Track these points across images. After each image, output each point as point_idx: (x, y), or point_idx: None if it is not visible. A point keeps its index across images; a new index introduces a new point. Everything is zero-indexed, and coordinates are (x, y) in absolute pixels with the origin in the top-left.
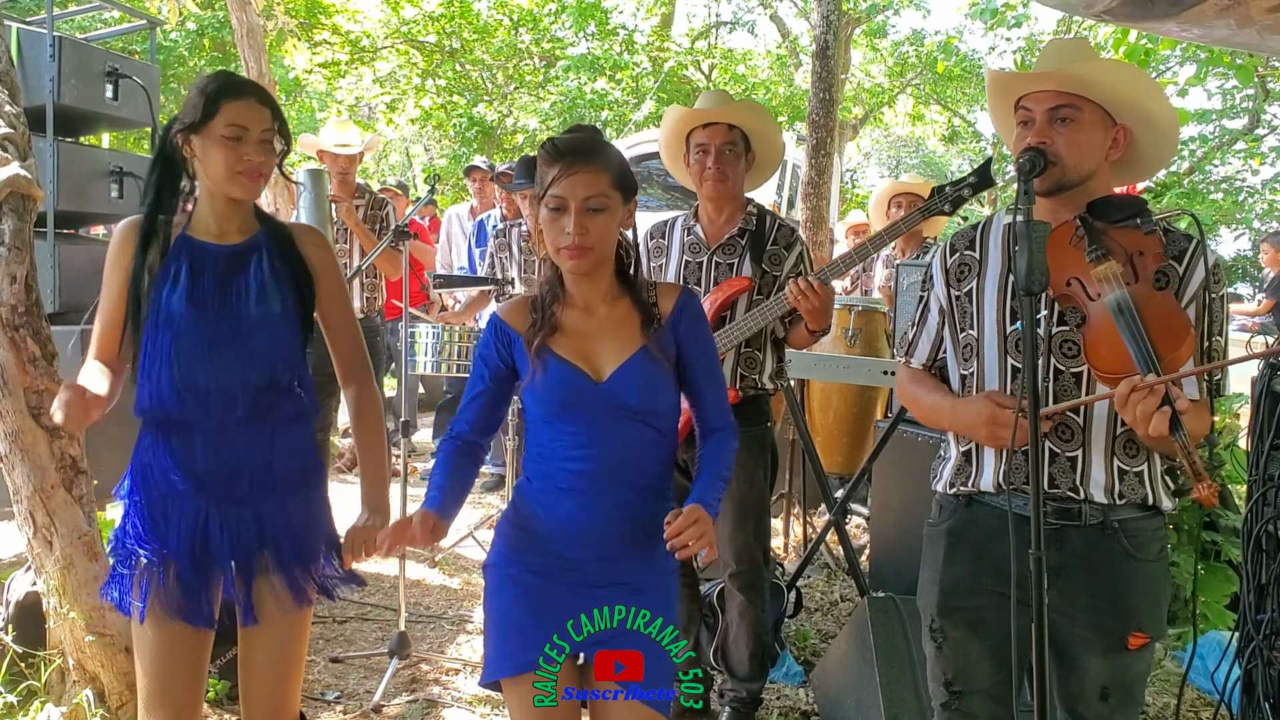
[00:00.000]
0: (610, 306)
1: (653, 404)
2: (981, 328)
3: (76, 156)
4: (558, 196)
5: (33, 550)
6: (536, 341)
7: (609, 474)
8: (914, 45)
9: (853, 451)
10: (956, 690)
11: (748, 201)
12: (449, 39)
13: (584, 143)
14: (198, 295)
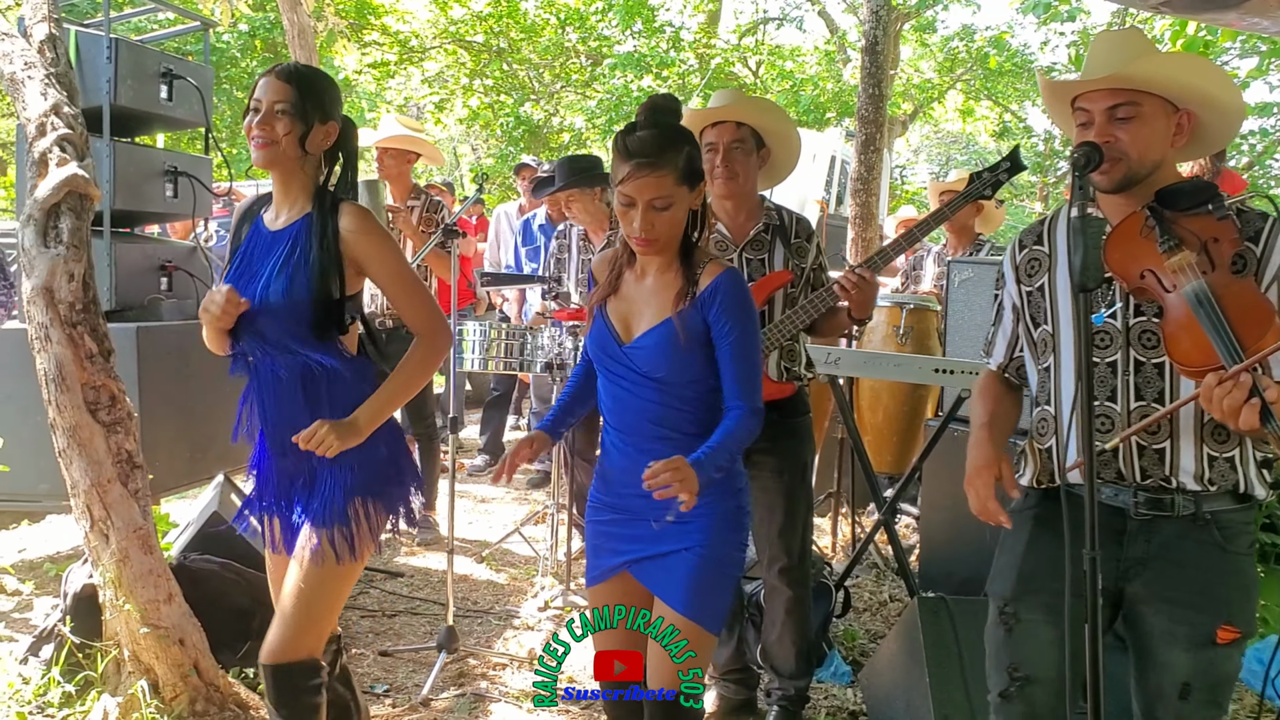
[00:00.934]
0: (660, 275)
1: (668, 374)
2: (1056, 322)
3: (132, 156)
4: (627, 195)
5: (90, 543)
6: (593, 299)
7: (634, 427)
8: (964, 40)
9: (902, 451)
10: (1020, 677)
11: (762, 200)
12: (497, 38)
13: (653, 145)
14: (239, 279)
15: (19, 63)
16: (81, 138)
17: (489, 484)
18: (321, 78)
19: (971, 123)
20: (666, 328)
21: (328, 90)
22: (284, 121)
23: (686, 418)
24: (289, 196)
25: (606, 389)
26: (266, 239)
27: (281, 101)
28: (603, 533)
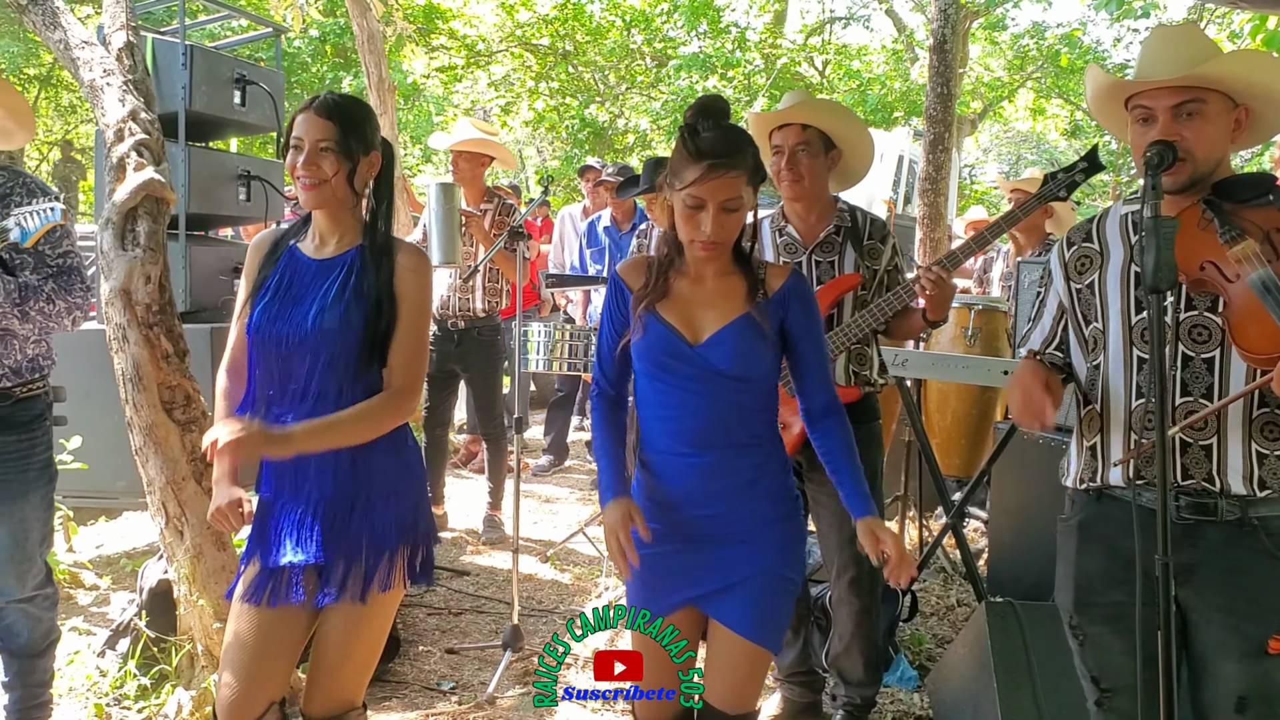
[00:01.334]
0: (720, 279)
1: (746, 370)
2: (1106, 319)
3: (206, 161)
4: (697, 197)
5: (165, 540)
6: (644, 303)
7: (701, 432)
8: (1034, 38)
9: (971, 453)
10: (1106, 688)
11: (836, 199)
12: (562, 41)
13: (724, 144)
14: (272, 307)
15: (98, 70)
16: (158, 143)
17: (553, 484)
18: (360, 108)
19: (1042, 121)
20: (744, 323)
21: (368, 120)
22: (330, 160)
23: (756, 419)
24: (338, 227)
25: (666, 396)
26: (311, 267)
27: (325, 140)
28: (664, 565)
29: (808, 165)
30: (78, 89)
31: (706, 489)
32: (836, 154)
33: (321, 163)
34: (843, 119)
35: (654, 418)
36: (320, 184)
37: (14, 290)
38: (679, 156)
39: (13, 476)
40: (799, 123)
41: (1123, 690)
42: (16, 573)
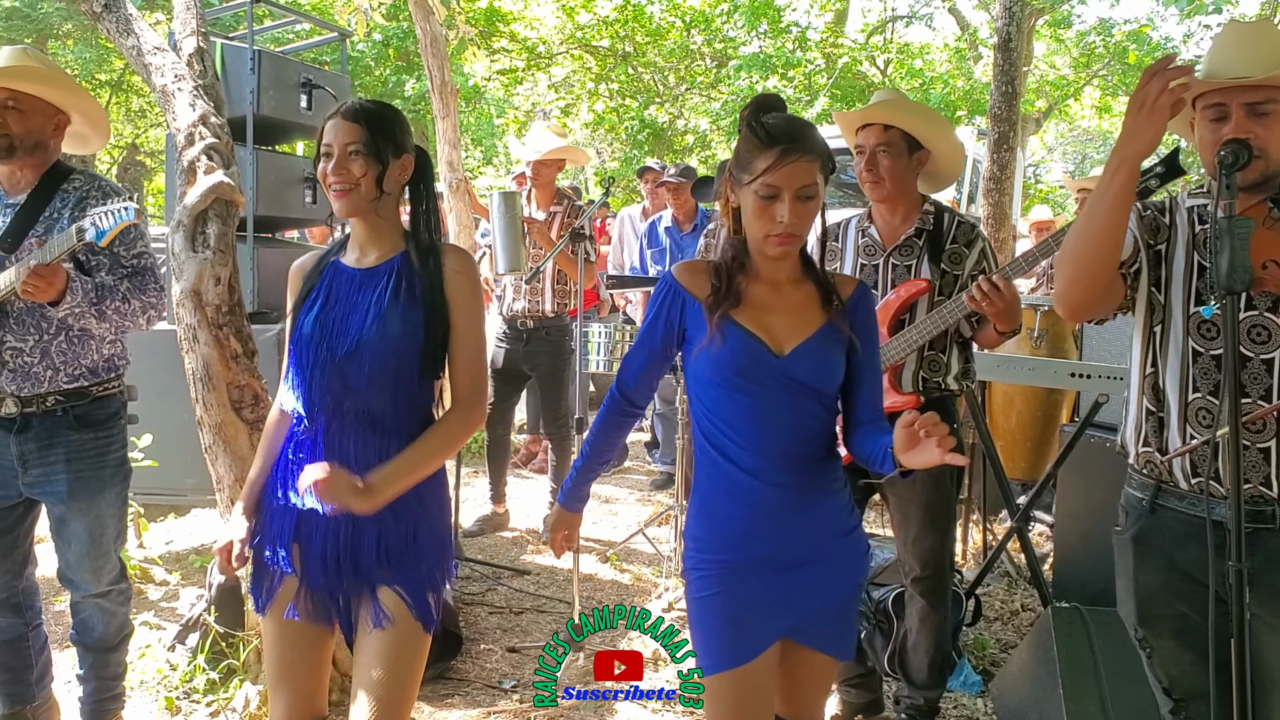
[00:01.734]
0: (795, 286)
1: (825, 383)
2: (1168, 296)
3: (274, 164)
4: (771, 185)
5: None
6: (720, 310)
7: (779, 443)
8: (1101, 35)
9: (1036, 457)
10: (1179, 699)
11: (924, 200)
12: (622, 43)
13: (796, 129)
14: (324, 317)
15: (170, 75)
16: (227, 147)
17: (613, 484)
18: (389, 111)
19: (1109, 119)
20: (826, 334)
21: (397, 123)
22: (359, 163)
23: (828, 430)
24: (376, 235)
25: (744, 408)
26: (355, 278)
27: (353, 143)
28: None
29: (888, 166)
30: (148, 94)
31: (784, 510)
32: (923, 155)
33: (351, 166)
34: (927, 121)
35: (732, 433)
36: (351, 189)
37: (91, 290)
38: (746, 147)
39: (89, 474)
40: (881, 123)
41: (1196, 698)
42: (92, 568)
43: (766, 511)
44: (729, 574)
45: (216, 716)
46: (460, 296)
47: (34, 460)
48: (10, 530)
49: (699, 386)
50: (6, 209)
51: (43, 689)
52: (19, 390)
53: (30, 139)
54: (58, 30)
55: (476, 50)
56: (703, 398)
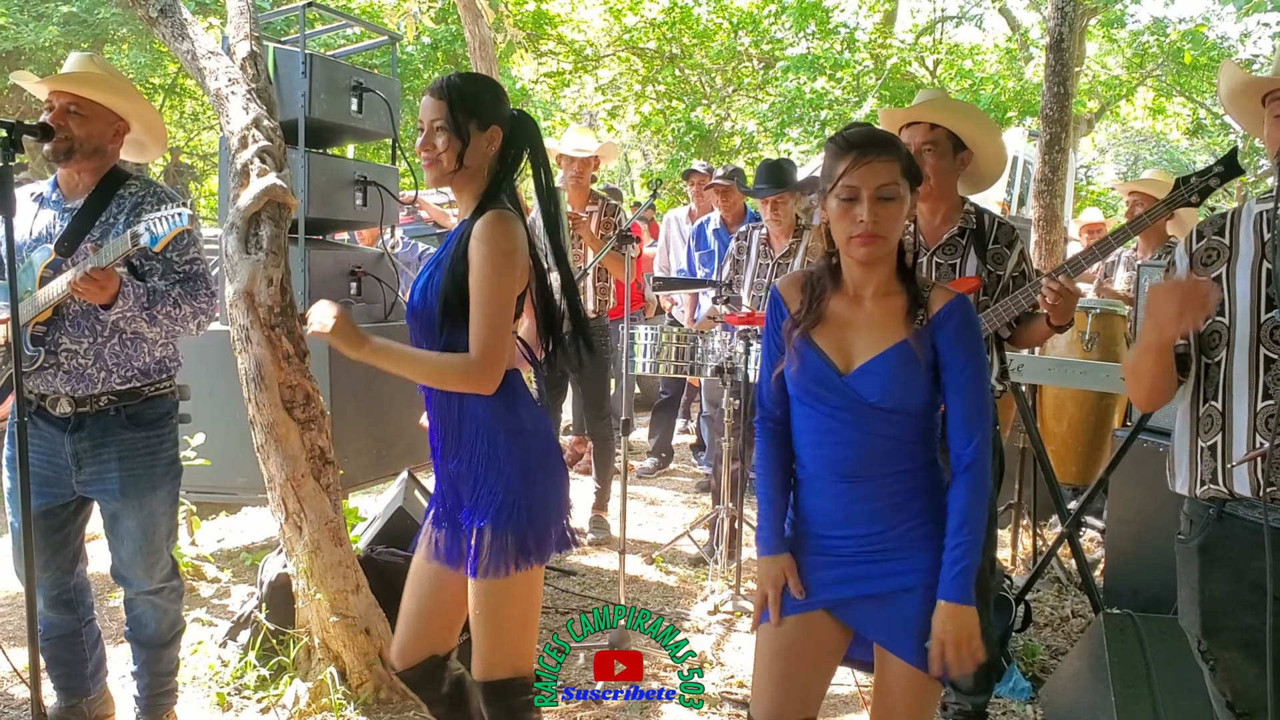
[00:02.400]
0: (879, 300)
1: (898, 402)
2: (1233, 314)
3: (325, 167)
4: (850, 186)
5: (284, 535)
6: (797, 331)
7: (848, 463)
8: (1155, 35)
9: (1087, 461)
10: (1241, 712)
11: (963, 200)
12: (669, 45)
13: (873, 134)
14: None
15: (224, 79)
16: (280, 150)
17: (658, 486)
18: (473, 84)
19: (1162, 120)
20: (900, 352)
21: (480, 97)
22: (442, 138)
23: (908, 451)
24: (464, 201)
25: (814, 424)
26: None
27: (438, 119)
28: (800, 570)
29: (932, 165)
30: (200, 98)
31: (850, 512)
32: (966, 155)
33: (435, 140)
34: (973, 121)
35: (803, 443)
36: (434, 163)
37: (143, 295)
38: (827, 158)
39: (142, 471)
40: (927, 121)
41: (1259, 712)
42: (145, 565)
43: (827, 513)
44: (797, 542)
45: (267, 713)
46: (474, 261)
47: (87, 459)
48: (62, 528)
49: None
50: (64, 213)
51: (97, 683)
52: (73, 391)
53: (90, 144)
54: (114, 35)
55: (524, 53)
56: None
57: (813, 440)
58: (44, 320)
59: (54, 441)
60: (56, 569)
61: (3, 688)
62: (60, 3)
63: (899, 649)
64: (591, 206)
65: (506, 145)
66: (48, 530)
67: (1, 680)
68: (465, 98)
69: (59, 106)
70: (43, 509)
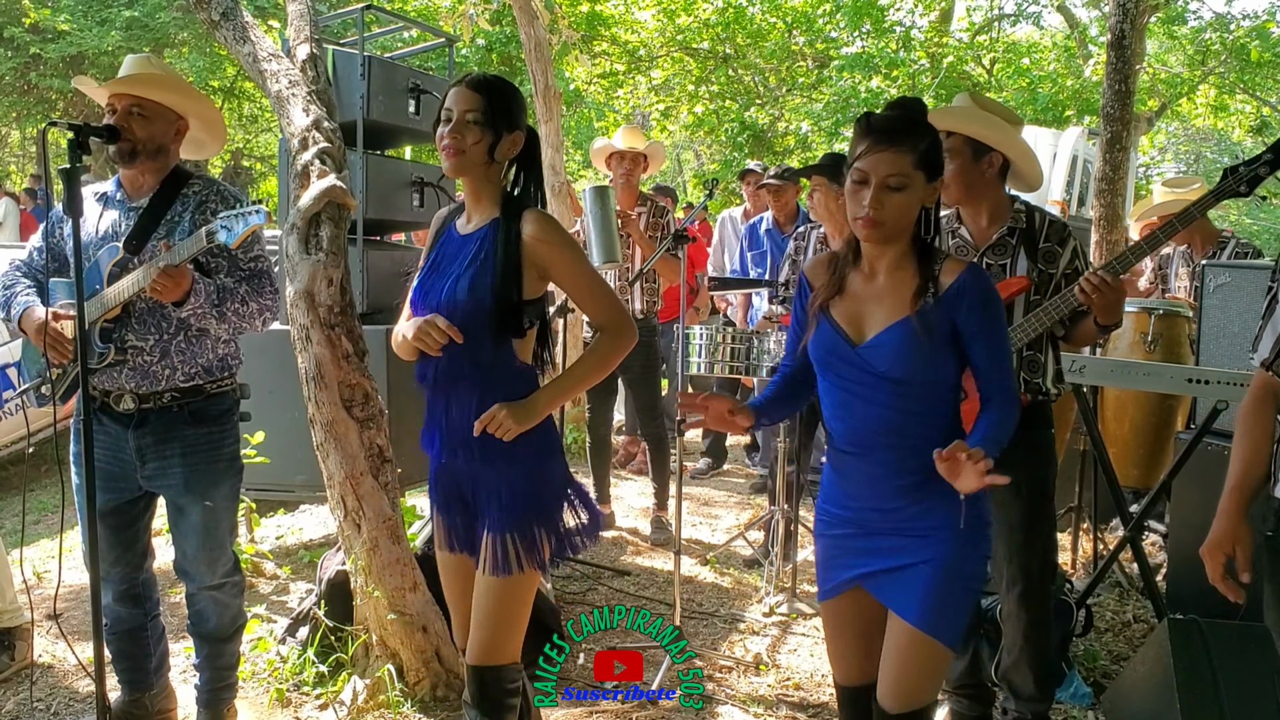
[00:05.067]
0: (891, 275)
1: (907, 373)
2: None
3: (383, 168)
4: (860, 170)
5: (343, 532)
6: (817, 302)
7: (862, 433)
8: (1218, 31)
9: (1149, 464)
10: None
11: (1013, 200)
12: (722, 45)
13: (895, 122)
14: (426, 281)
15: (284, 81)
16: (339, 151)
17: (711, 487)
18: (509, 88)
19: (1225, 119)
20: (905, 325)
21: (515, 99)
22: (474, 131)
23: (923, 422)
24: (479, 203)
25: (833, 396)
26: (457, 242)
27: (472, 110)
28: (835, 546)
29: (951, 172)
30: (258, 99)
31: (875, 487)
32: (994, 157)
33: (466, 132)
34: (981, 124)
35: (827, 415)
36: (461, 151)
37: (213, 292)
38: (853, 135)
39: (204, 467)
40: (941, 130)
41: None
42: (207, 560)
43: (851, 483)
44: (828, 516)
45: (325, 709)
46: (547, 256)
47: (151, 454)
48: (132, 524)
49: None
50: (129, 212)
51: (160, 677)
52: (137, 387)
53: (153, 143)
54: (174, 39)
55: (579, 55)
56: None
57: (833, 413)
58: (112, 318)
59: (118, 438)
60: (126, 565)
61: (69, 682)
62: (123, 8)
63: (910, 614)
64: (640, 207)
65: (527, 152)
66: (117, 527)
67: (67, 674)
68: (503, 96)
69: (121, 109)
70: (111, 506)
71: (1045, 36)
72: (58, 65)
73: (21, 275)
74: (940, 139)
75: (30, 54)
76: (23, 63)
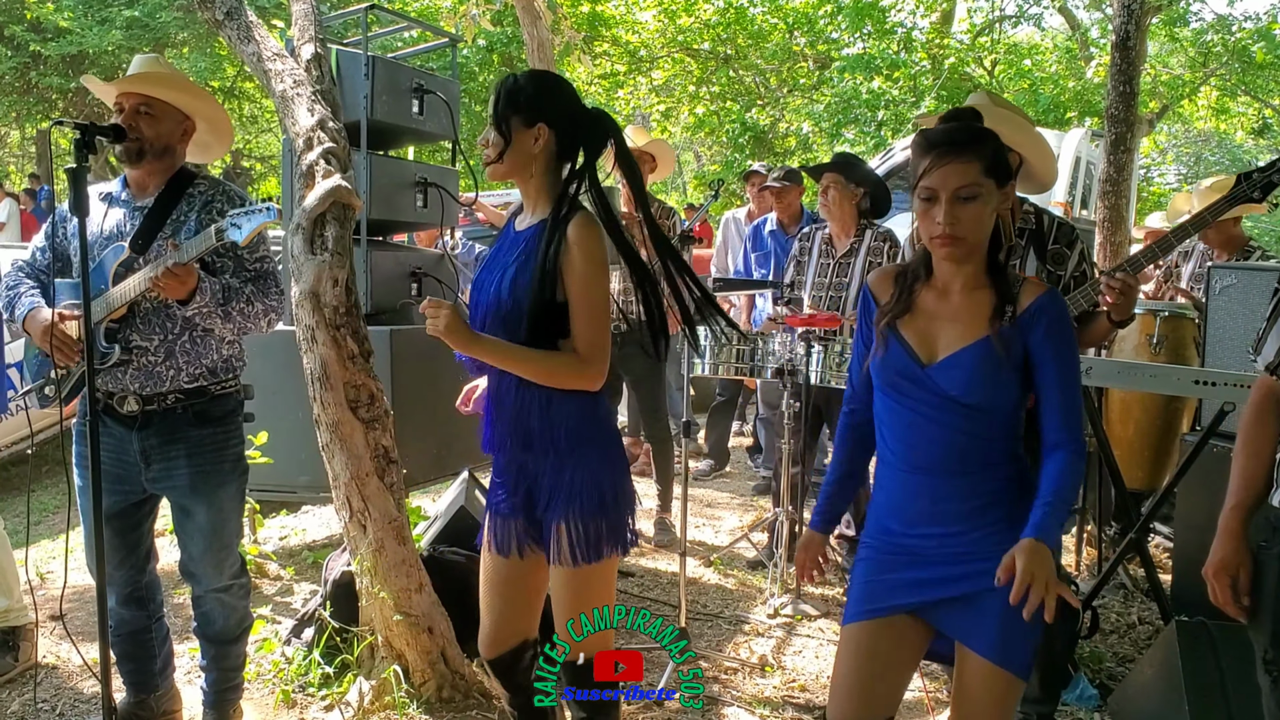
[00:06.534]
0: (967, 294)
1: (980, 398)
2: None
3: (386, 168)
4: (928, 187)
5: (349, 533)
6: (885, 320)
7: (930, 457)
8: (1220, 33)
9: (1154, 466)
10: None
11: (1022, 202)
12: (723, 45)
13: (956, 133)
14: (481, 276)
15: (289, 81)
16: (344, 151)
17: (714, 489)
18: (522, 84)
19: (1226, 120)
20: (983, 347)
21: (522, 94)
22: (492, 135)
23: (993, 449)
24: (532, 200)
25: (897, 417)
26: (511, 239)
27: (491, 115)
28: (885, 568)
29: None
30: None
31: (934, 511)
32: (1012, 157)
33: (491, 140)
34: (1008, 125)
35: (886, 435)
36: (489, 161)
37: (219, 291)
38: (914, 154)
39: (210, 468)
40: None
41: None
42: (214, 562)
43: (913, 509)
44: (877, 545)
45: (330, 710)
46: (573, 264)
47: (155, 456)
48: (136, 527)
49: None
50: (135, 211)
51: (165, 679)
52: (141, 388)
53: (160, 143)
54: (174, 39)
55: (581, 55)
56: (876, 401)
57: (896, 434)
58: (117, 318)
59: (122, 439)
60: (130, 567)
61: (74, 683)
62: (123, 7)
63: (980, 646)
64: None
65: (567, 143)
66: (122, 530)
67: (72, 675)
68: (511, 95)
69: (129, 108)
70: (116, 509)
71: (1046, 38)
72: (58, 64)
73: (25, 276)
74: (1004, 147)
75: (30, 53)
76: (23, 62)
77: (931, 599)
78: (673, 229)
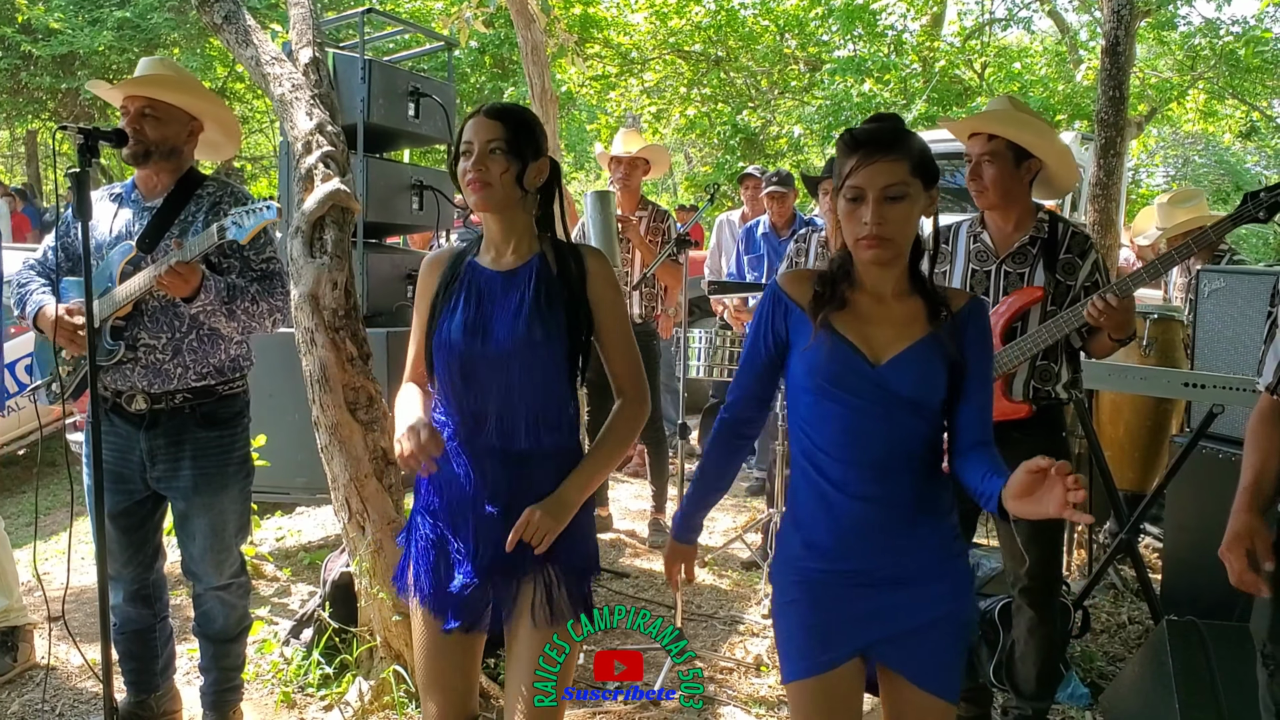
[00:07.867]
0: (901, 300)
1: (925, 395)
2: None
3: (383, 171)
4: (855, 186)
5: (347, 534)
6: (824, 313)
7: (870, 456)
8: (1207, 37)
9: (1144, 467)
10: None
11: (1038, 208)
12: (715, 48)
13: (882, 132)
14: (470, 323)
15: (287, 85)
16: (343, 154)
17: None
18: (528, 114)
19: (1214, 123)
20: (928, 345)
21: (536, 126)
22: (499, 160)
23: (931, 447)
24: (511, 236)
25: (842, 420)
26: (496, 280)
27: (495, 140)
28: (831, 610)
29: (992, 176)
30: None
31: (874, 525)
32: (1034, 163)
33: (490, 163)
34: (1033, 131)
35: (825, 444)
36: (488, 184)
37: (223, 289)
38: (837, 156)
39: (214, 470)
40: (985, 132)
41: None
42: (215, 561)
43: (853, 526)
44: (813, 583)
45: (330, 710)
46: (605, 296)
47: (161, 456)
48: (141, 526)
49: (795, 393)
50: (143, 211)
51: (166, 679)
52: (149, 387)
53: (166, 145)
54: (165, 40)
55: (574, 57)
56: (798, 405)
57: (838, 440)
58: (124, 315)
59: (129, 438)
60: (137, 565)
61: (73, 683)
62: (114, 8)
63: (921, 679)
64: (641, 211)
65: (551, 181)
66: (127, 529)
67: (72, 675)
68: (524, 124)
69: (134, 110)
70: (120, 507)
71: (1036, 41)
72: (49, 65)
73: (35, 274)
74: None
75: (21, 53)
76: (14, 62)
77: (877, 637)
78: (668, 233)
